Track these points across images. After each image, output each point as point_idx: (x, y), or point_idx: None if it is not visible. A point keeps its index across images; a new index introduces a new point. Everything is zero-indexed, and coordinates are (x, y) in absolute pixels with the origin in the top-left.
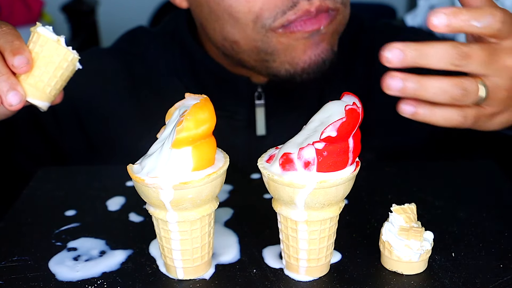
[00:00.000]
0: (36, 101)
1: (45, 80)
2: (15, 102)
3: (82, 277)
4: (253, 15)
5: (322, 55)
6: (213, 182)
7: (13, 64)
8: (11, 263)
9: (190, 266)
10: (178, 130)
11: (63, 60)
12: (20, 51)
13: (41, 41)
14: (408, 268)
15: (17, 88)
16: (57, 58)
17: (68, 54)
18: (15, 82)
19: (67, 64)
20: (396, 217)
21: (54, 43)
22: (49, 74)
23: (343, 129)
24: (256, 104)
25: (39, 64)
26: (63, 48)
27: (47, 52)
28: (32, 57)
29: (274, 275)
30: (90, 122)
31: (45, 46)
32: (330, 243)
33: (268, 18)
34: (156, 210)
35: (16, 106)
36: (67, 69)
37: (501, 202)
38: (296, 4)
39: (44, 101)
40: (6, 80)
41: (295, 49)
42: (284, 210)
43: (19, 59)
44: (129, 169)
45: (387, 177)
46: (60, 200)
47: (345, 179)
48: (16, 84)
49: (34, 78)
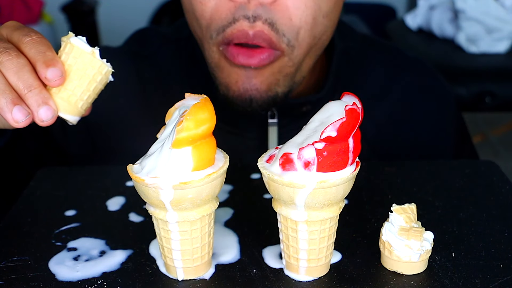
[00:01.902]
0: (67, 115)
1: (78, 94)
2: (46, 118)
3: (82, 277)
4: (206, 21)
5: (249, 92)
6: (213, 182)
7: (46, 76)
8: (11, 263)
9: (190, 266)
10: (178, 130)
11: (97, 73)
12: (53, 62)
13: (74, 53)
14: (408, 268)
15: (49, 103)
16: (91, 71)
17: (102, 67)
18: (47, 96)
19: (101, 77)
20: (396, 217)
21: (89, 55)
22: (82, 88)
23: (343, 129)
24: (269, 123)
25: (72, 77)
26: (97, 60)
27: (81, 64)
28: (65, 69)
29: (274, 275)
30: (97, 127)
31: (79, 58)
32: (330, 243)
33: (214, 31)
34: (156, 210)
35: (48, 122)
36: (100, 82)
37: (501, 202)
38: (236, 21)
39: (75, 116)
40: (38, 94)
41: (229, 75)
42: (284, 210)
43: (53, 71)
44: (129, 169)
45: (387, 177)
46: (60, 200)
47: (345, 179)
48: (48, 98)
49: (66, 92)
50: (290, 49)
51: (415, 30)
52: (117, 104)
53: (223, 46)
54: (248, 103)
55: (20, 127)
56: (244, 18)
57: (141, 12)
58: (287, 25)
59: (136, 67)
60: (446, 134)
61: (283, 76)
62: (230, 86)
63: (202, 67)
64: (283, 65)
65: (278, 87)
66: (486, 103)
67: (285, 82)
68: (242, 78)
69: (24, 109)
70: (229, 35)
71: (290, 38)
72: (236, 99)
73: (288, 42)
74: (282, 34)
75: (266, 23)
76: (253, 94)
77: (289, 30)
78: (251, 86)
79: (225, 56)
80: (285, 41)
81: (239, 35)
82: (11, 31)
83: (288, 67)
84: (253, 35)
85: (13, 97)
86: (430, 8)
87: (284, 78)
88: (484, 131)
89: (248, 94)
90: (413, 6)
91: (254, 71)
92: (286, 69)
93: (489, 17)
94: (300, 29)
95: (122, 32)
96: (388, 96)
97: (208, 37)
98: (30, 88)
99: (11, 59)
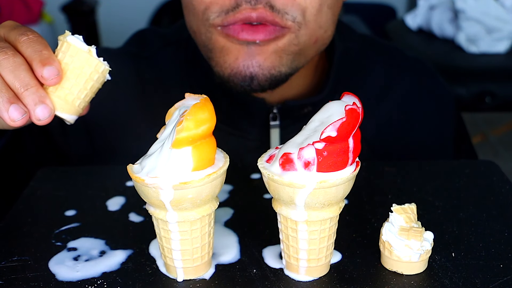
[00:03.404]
0: (64, 114)
1: (75, 93)
2: (43, 117)
3: (82, 277)
4: (203, 6)
5: (251, 69)
6: (213, 182)
7: (42, 75)
8: (11, 263)
9: (190, 266)
10: (178, 130)
11: (94, 72)
12: (50, 61)
13: (71, 51)
14: (408, 268)
15: (46, 102)
16: (88, 69)
17: (99, 65)
18: (43, 95)
19: (98, 76)
20: (396, 217)
21: (85, 54)
22: (79, 87)
23: (343, 129)
24: (271, 125)
25: (69, 75)
26: (94, 59)
27: (77, 63)
28: (62, 68)
29: (274, 275)
30: (97, 128)
31: (76, 56)
32: (330, 243)
33: (213, 13)
34: (156, 210)
35: (45, 120)
36: (97, 81)
37: (501, 202)
38: (239, 6)
39: (72, 115)
40: (34, 93)
41: (228, 52)
42: (284, 210)
43: (49, 70)
44: (129, 169)
45: (387, 177)
46: (60, 200)
47: (345, 179)
48: (45, 97)
49: (63, 91)
50: (297, 25)
51: (415, 30)
52: (117, 105)
53: (221, 27)
54: (248, 81)
55: (17, 126)
56: (245, 2)
57: (141, 12)
58: (289, 5)
59: (136, 68)
60: (446, 134)
61: (287, 55)
62: (228, 63)
63: (202, 68)
64: (289, 43)
65: (282, 66)
66: (486, 103)
67: (288, 61)
68: (243, 55)
69: (20, 108)
70: (231, 18)
71: (295, 16)
72: (234, 77)
73: (293, 19)
74: (285, 13)
75: (267, 6)
76: (255, 71)
77: (292, 9)
78: (253, 63)
79: (225, 34)
80: (290, 19)
81: (242, 18)
82: (8, 31)
83: (294, 45)
84: (256, 18)
85: (10, 96)
86: (430, 8)
87: (288, 58)
88: (484, 131)
89: (249, 71)
90: (413, 6)
91: (258, 47)
92: (292, 47)
93: (489, 17)
94: (306, 9)
95: (122, 32)
96: (388, 96)
97: (205, 19)
98: (27, 87)
99: (7, 58)
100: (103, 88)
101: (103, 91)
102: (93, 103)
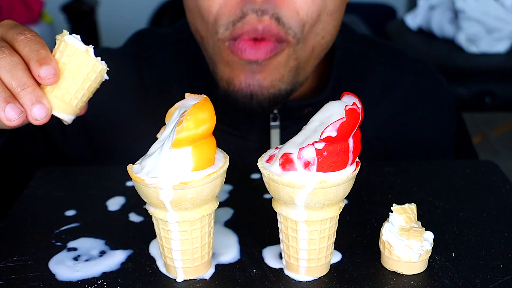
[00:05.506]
0: (61, 114)
1: (72, 93)
2: (40, 117)
3: (82, 277)
4: (212, 17)
5: (251, 87)
6: (213, 182)
7: (39, 74)
8: (11, 263)
9: (190, 266)
10: (178, 130)
11: (91, 72)
12: (47, 61)
13: (68, 51)
14: (408, 268)
15: (43, 101)
16: (86, 69)
17: (97, 65)
18: (40, 94)
19: (96, 76)
20: (396, 217)
21: (83, 54)
22: (77, 86)
23: (343, 129)
24: (271, 126)
25: (66, 75)
26: (92, 58)
27: (75, 63)
28: (59, 67)
29: (274, 275)
30: (97, 128)
31: (73, 56)
32: (330, 243)
33: (221, 26)
34: (156, 210)
35: (42, 120)
36: (95, 80)
37: (501, 202)
38: (245, 16)
39: (70, 115)
40: (31, 92)
41: (233, 69)
42: (284, 210)
43: (46, 69)
44: (129, 169)
45: (387, 177)
46: (60, 200)
47: (345, 179)
48: (42, 97)
49: (60, 90)
50: (296, 41)
51: (415, 30)
52: (117, 105)
53: (229, 41)
54: (249, 99)
55: (14, 126)
56: (252, 11)
57: (141, 12)
58: (293, 19)
59: (136, 68)
60: (446, 135)
61: (287, 71)
62: (232, 79)
63: (202, 68)
64: (288, 57)
65: (282, 83)
66: (486, 103)
67: (289, 78)
68: (246, 72)
69: (17, 108)
70: (239, 30)
71: (297, 32)
72: (237, 93)
73: (294, 35)
74: (289, 27)
75: (273, 18)
76: (255, 90)
77: (296, 24)
78: (254, 82)
79: (231, 50)
80: (291, 34)
81: (248, 31)
82: (6, 30)
83: (293, 59)
84: (262, 30)
85: (6, 96)
86: (430, 8)
87: (289, 74)
88: (484, 131)
89: (249, 90)
90: (413, 6)
91: (259, 65)
92: (291, 62)
93: (489, 17)
94: (305, 23)
95: (122, 32)
96: (388, 96)
97: (214, 32)
98: (24, 86)
99: (4, 57)
100: (103, 88)
101: (103, 91)
102: (93, 103)
